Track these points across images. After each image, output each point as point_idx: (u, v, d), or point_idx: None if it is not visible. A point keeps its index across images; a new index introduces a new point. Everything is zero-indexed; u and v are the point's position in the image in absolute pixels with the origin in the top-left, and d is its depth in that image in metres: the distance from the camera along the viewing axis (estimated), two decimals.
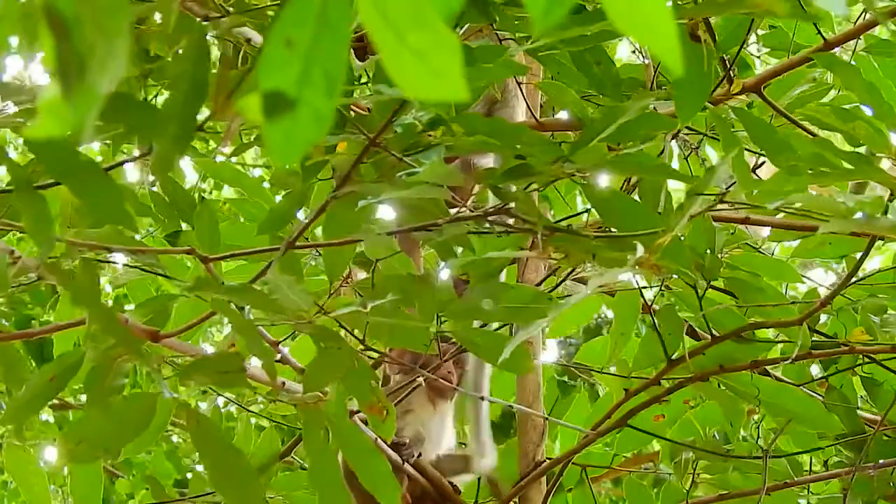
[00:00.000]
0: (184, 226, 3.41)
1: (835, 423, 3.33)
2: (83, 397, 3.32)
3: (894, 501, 3.58)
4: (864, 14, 3.19)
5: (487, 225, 2.76)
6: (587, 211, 3.27)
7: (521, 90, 3.51)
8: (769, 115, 3.06)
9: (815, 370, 3.84)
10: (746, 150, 3.37)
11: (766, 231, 3.86)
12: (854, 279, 3.03)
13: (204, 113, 2.09)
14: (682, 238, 2.80)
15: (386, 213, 3.24)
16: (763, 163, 4.10)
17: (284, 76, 1.28)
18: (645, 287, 3.25)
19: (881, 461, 3.53)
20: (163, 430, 3.04)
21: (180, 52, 2.28)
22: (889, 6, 2.98)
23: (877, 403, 3.64)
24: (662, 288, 3.28)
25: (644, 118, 2.30)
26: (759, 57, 4.02)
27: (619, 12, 1.13)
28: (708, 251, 3.03)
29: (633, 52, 4.26)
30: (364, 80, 2.92)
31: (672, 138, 2.99)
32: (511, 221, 2.70)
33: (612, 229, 2.67)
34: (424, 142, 2.55)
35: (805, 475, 3.62)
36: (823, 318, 3.55)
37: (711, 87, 2.73)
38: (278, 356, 2.91)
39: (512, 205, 2.63)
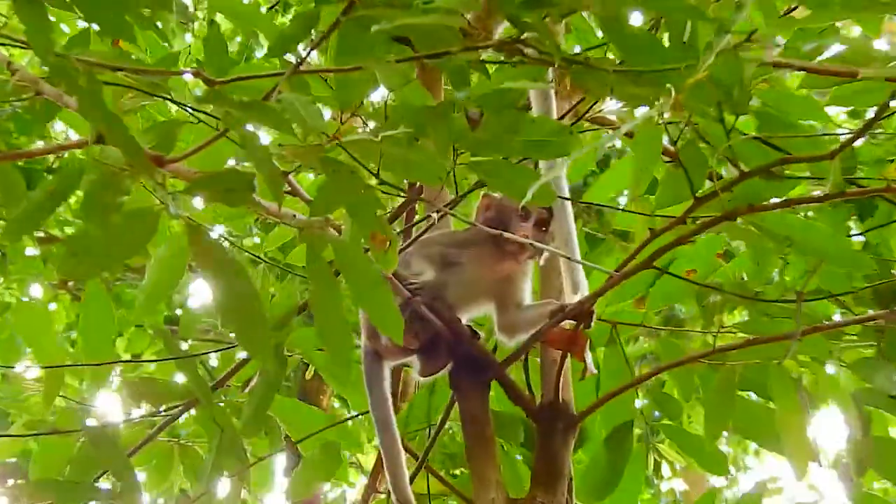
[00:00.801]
0: None
1: (866, 262, 3.29)
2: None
3: None
4: None
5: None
6: (606, 44, 3.21)
7: None
8: None
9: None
10: None
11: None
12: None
13: None
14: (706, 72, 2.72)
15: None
16: (795, 7, 4.03)
17: None
18: (668, 122, 3.17)
19: None
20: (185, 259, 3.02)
21: None
22: None
23: None
24: (686, 124, 3.20)
25: None
26: None
27: None
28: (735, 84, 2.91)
29: None
30: None
31: None
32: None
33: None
34: None
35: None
36: None
37: None
38: (288, 188, 2.92)
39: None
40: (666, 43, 2.88)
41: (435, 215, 3.43)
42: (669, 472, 8.75)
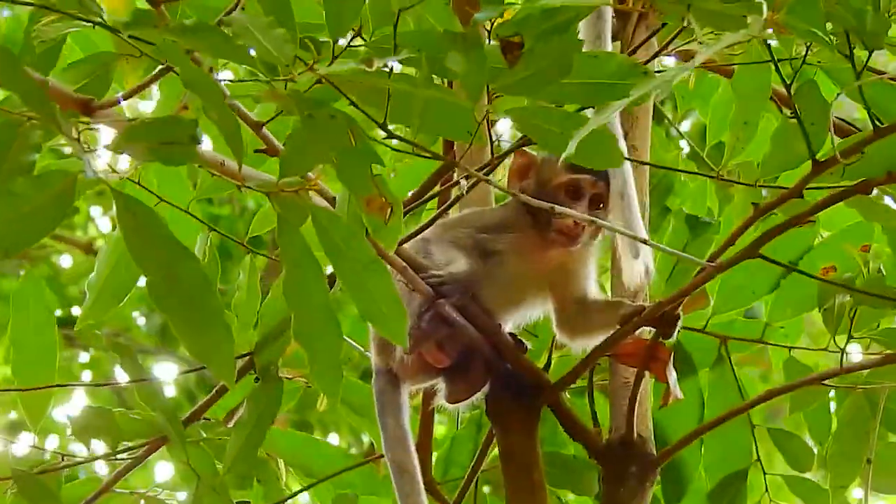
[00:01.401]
0: None
1: None
2: None
3: None
4: None
5: None
6: None
7: None
8: None
9: None
10: None
11: None
12: None
13: None
14: None
15: None
16: None
17: None
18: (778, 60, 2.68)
19: None
20: None
21: None
22: None
23: None
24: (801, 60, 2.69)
25: None
26: None
27: None
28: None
29: None
30: None
31: None
32: None
33: None
34: None
35: None
36: None
37: None
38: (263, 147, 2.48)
39: None
40: None
41: (464, 182, 2.87)
42: None
